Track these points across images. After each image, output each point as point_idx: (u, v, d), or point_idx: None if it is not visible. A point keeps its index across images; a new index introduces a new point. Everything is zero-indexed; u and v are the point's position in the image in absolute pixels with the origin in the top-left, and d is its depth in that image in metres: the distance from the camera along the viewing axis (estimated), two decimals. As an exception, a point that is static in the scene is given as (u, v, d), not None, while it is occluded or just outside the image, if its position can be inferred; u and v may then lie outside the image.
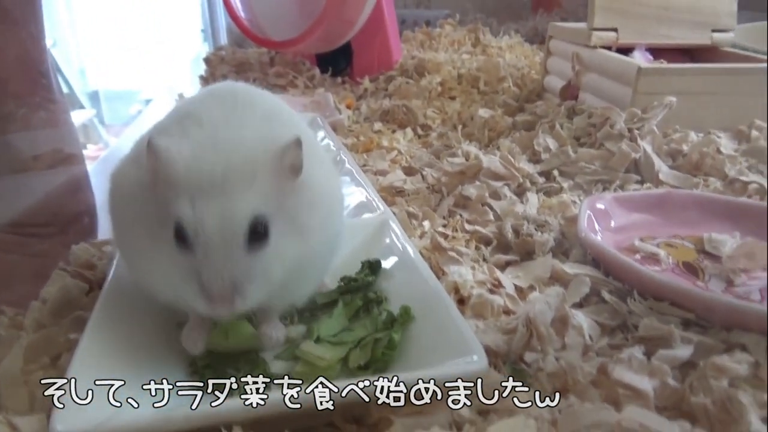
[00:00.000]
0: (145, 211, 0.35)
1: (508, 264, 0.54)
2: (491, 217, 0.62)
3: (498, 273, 0.51)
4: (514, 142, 0.77)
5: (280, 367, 0.39)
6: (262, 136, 0.36)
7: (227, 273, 0.33)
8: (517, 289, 0.50)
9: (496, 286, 0.50)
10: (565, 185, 0.69)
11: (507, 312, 0.47)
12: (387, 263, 0.46)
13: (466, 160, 0.69)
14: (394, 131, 0.94)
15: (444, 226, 0.61)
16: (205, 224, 0.32)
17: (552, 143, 0.76)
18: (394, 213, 0.55)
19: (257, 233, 0.34)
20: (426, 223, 0.61)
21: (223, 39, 1.72)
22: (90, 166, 0.77)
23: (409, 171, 0.75)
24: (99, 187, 0.74)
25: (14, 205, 0.58)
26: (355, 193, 0.58)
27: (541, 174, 0.71)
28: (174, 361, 0.38)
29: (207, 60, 1.27)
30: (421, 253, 0.46)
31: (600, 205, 0.58)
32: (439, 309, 0.38)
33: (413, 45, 1.38)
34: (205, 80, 1.19)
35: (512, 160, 0.68)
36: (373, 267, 0.46)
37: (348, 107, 1.03)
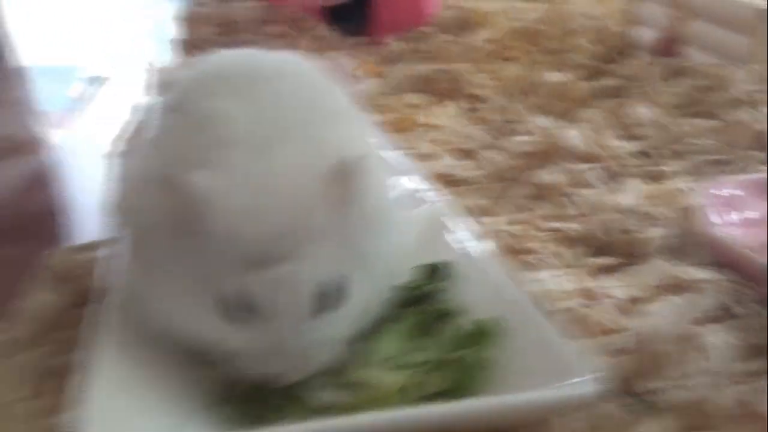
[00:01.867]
0: (170, 258, 0.37)
1: (603, 270, 0.55)
2: (574, 210, 0.63)
3: (592, 281, 0.52)
4: (602, 110, 0.78)
5: (324, 399, 0.40)
6: (313, 156, 0.37)
7: (292, 347, 0.36)
8: (619, 301, 0.51)
9: (591, 298, 0.51)
10: (670, 168, 0.70)
11: (607, 331, 0.48)
12: (449, 268, 0.47)
13: (539, 137, 0.70)
14: (432, 105, 0.95)
15: (513, 223, 0.62)
16: (265, 302, 0.35)
17: (649, 114, 0.77)
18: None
19: (325, 296, 0.37)
20: (489, 220, 0.62)
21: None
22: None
23: (460, 154, 0.76)
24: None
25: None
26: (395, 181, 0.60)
27: (637, 154, 0.72)
28: (193, 392, 0.39)
29: (183, 19, 1.30)
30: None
31: (724, 193, 0.59)
32: (527, 320, 0.39)
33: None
34: (184, 45, 1.21)
35: (598, 136, 0.70)
36: (433, 272, 0.47)
37: (369, 75, 1.05)
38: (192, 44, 1.25)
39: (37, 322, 0.44)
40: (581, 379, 0.34)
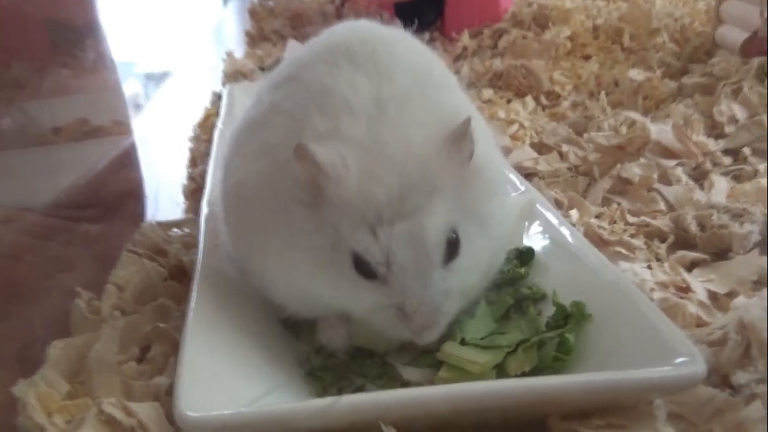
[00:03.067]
0: (301, 229, 0.40)
1: (694, 265, 0.55)
2: (662, 206, 0.64)
3: (684, 274, 0.52)
4: (690, 107, 0.79)
5: (412, 376, 0.42)
6: (428, 120, 0.41)
7: (428, 299, 0.39)
8: (711, 295, 0.51)
9: (684, 291, 0.51)
10: (761, 167, 0.69)
11: (702, 324, 0.48)
12: (541, 253, 0.49)
13: (625, 132, 0.71)
14: (509, 101, 0.96)
15: (598, 216, 0.63)
16: (396, 256, 0.38)
17: (740, 112, 0.77)
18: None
19: (451, 245, 0.40)
20: (574, 213, 0.63)
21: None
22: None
23: (540, 148, 0.77)
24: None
25: (46, 184, 0.65)
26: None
27: (726, 153, 0.72)
28: (284, 360, 0.42)
29: (252, 13, 1.34)
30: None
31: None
32: (624, 303, 0.41)
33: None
34: (252, 38, 1.25)
35: (688, 132, 0.70)
36: (523, 257, 0.49)
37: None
38: (261, 37, 1.29)
39: (140, 289, 0.47)
40: (684, 359, 0.35)
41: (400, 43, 0.47)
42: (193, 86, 1.23)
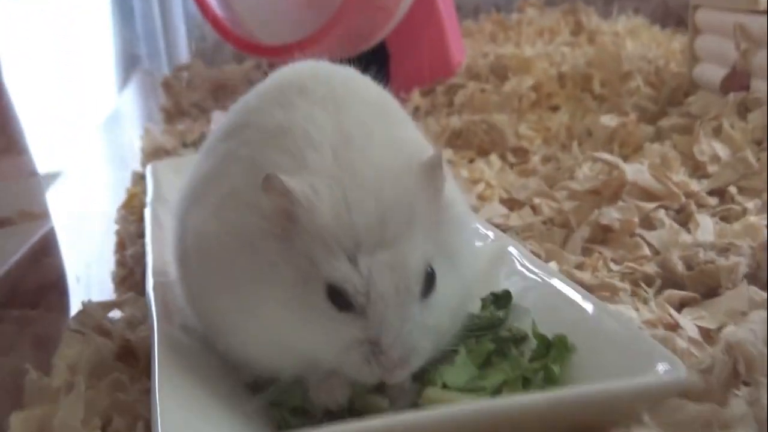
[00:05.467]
0: (270, 264, 0.48)
1: (683, 305, 0.66)
2: (646, 251, 0.74)
3: (672, 311, 0.62)
4: (667, 147, 0.91)
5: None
6: (396, 152, 0.51)
7: (405, 334, 0.47)
8: (703, 332, 0.61)
9: (672, 328, 0.61)
10: (749, 205, 0.81)
11: (691, 357, 0.58)
12: (519, 295, 0.58)
13: (601, 174, 0.82)
14: (471, 160, 1.08)
15: (578, 267, 0.73)
16: (377, 285, 0.46)
17: (722, 150, 0.90)
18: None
19: (428, 279, 0.49)
20: (552, 265, 0.73)
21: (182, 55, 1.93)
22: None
23: (511, 204, 0.88)
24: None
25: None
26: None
27: (711, 193, 0.84)
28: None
29: (166, 86, 1.46)
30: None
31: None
32: (603, 327, 0.51)
33: (480, 39, 1.56)
34: (168, 113, 1.36)
35: (667, 172, 0.82)
36: (500, 301, 0.58)
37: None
38: (179, 112, 1.40)
39: (87, 367, 0.55)
40: (664, 367, 0.45)
41: (354, 79, 0.58)
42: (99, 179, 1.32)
